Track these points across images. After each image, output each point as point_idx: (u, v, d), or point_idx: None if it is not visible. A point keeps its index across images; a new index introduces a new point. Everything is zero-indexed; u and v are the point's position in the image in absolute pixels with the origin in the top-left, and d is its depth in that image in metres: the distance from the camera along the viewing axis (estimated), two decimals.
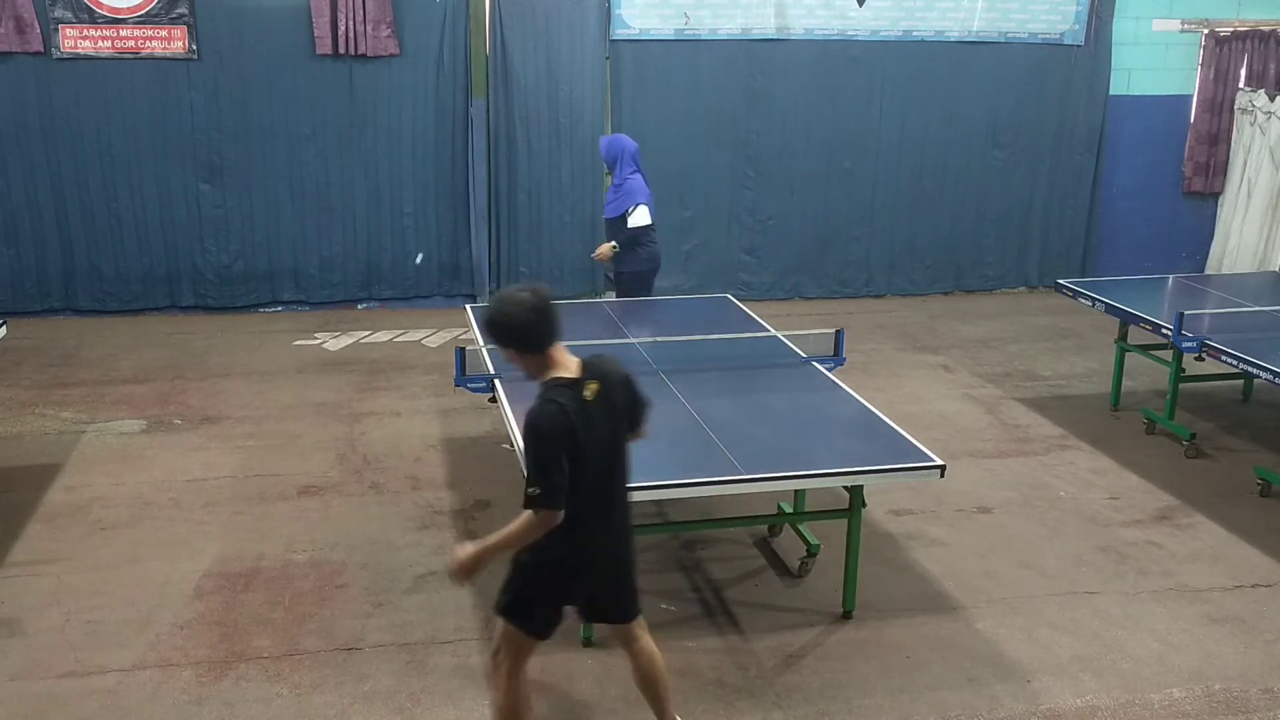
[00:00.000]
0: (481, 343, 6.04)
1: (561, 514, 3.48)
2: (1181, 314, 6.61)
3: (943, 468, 4.64)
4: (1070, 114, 10.63)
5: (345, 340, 9.01)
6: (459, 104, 9.65)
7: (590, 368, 3.58)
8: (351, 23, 9.23)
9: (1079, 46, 10.49)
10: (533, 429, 3.44)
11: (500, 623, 3.78)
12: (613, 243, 7.31)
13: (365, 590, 5.15)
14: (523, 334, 3.50)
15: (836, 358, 5.93)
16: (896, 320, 9.90)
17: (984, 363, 8.71)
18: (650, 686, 3.92)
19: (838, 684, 4.50)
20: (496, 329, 3.53)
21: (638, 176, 7.32)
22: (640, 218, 7.22)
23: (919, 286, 10.77)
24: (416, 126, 9.65)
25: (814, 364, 5.83)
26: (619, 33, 9.78)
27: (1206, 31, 10.70)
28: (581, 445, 3.47)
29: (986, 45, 10.35)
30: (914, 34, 10.23)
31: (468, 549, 3.61)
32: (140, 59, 9.16)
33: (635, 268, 7.40)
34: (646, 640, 3.91)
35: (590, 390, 3.51)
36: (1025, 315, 10.09)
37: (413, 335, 9.15)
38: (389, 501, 6.09)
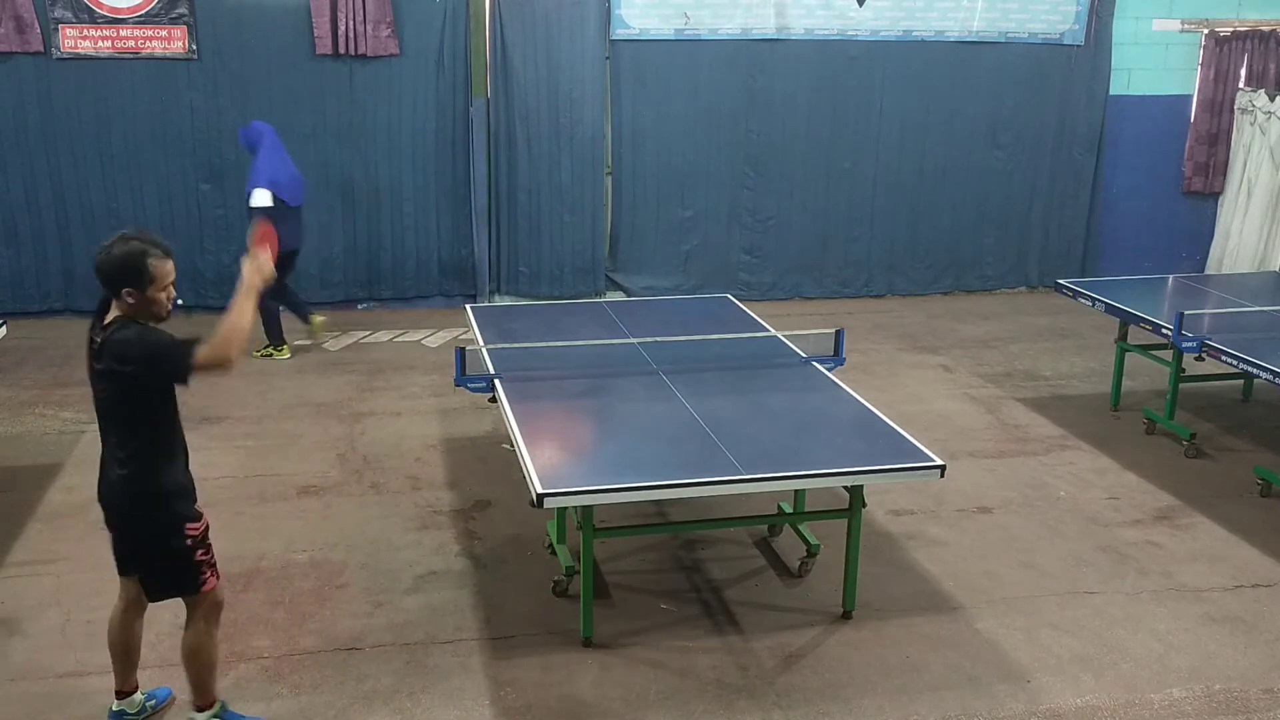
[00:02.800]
0: (482, 341, 6.04)
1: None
2: (1181, 314, 6.61)
3: (943, 468, 4.64)
4: (1070, 114, 10.64)
5: (345, 340, 9.01)
6: (459, 104, 9.65)
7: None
8: (351, 23, 9.23)
9: (1079, 46, 10.49)
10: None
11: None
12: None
13: (365, 590, 5.15)
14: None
15: (836, 358, 5.93)
16: (896, 320, 9.90)
17: (984, 363, 8.72)
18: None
19: (838, 684, 4.50)
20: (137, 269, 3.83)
21: (264, 159, 7.96)
22: (256, 199, 7.87)
23: (919, 286, 10.77)
24: (416, 126, 9.66)
25: (814, 364, 5.83)
26: (619, 33, 9.78)
27: (1206, 31, 10.70)
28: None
29: (986, 45, 10.35)
30: (914, 34, 10.23)
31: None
32: (140, 59, 9.16)
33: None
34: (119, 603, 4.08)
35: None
36: (1025, 315, 10.09)
37: (413, 335, 9.16)
38: (389, 501, 6.09)
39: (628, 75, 9.88)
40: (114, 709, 4.16)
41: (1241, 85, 10.74)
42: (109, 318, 3.86)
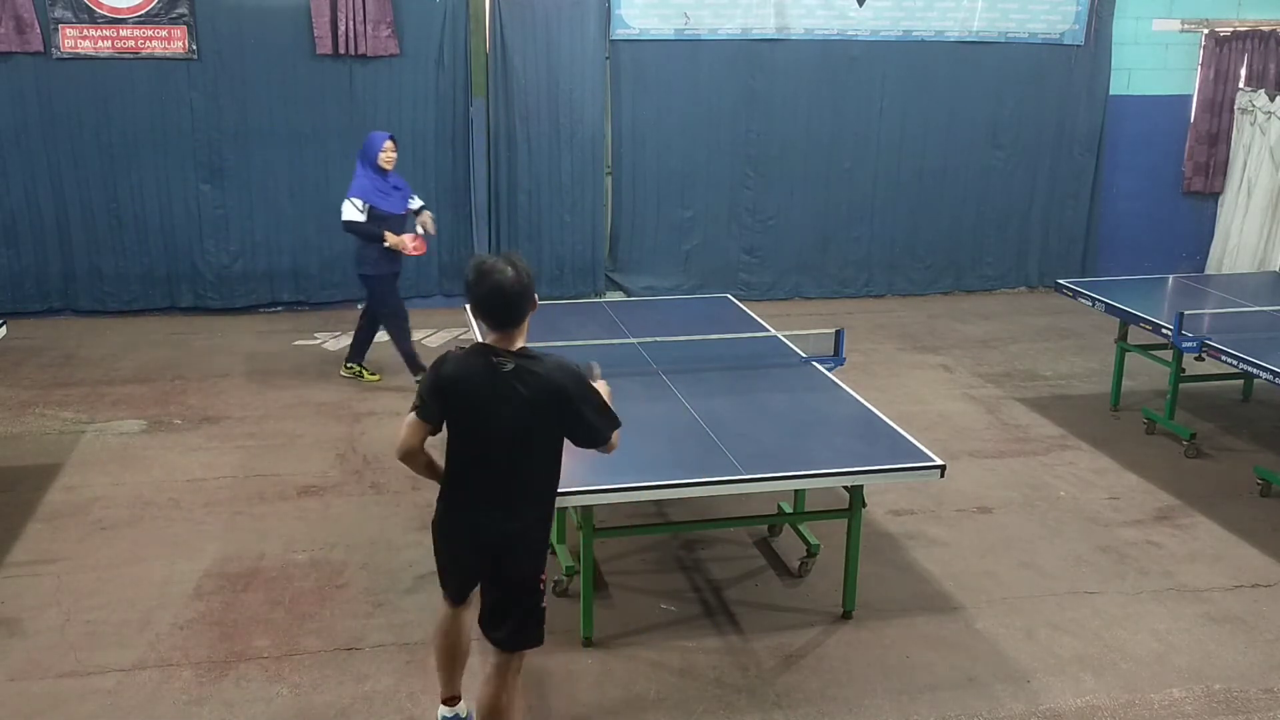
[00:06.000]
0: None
1: (418, 421, 3.56)
2: (1181, 314, 6.62)
3: (943, 468, 4.64)
4: (1070, 114, 10.63)
5: (345, 340, 8.99)
6: (459, 104, 9.65)
7: (528, 357, 3.53)
8: (351, 23, 9.23)
9: (1079, 46, 10.49)
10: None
11: None
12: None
13: (365, 590, 5.15)
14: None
15: (836, 358, 5.93)
16: (896, 320, 9.90)
17: (984, 363, 8.72)
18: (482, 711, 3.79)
19: (838, 684, 4.50)
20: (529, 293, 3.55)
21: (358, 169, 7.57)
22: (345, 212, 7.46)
23: (919, 286, 10.77)
24: (416, 126, 9.65)
25: (814, 364, 5.83)
26: (619, 33, 9.78)
27: (1206, 31, 10.71)
28: (458, 402, 3.52)
29: (986, 45, 10.35)
30: (914, 34, 10.23)
31: None
32: (140, 59, 9.16)
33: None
34: (496, 677, 3.73)
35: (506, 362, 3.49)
36: (1025, 315, 10.09)
37: (413, 335, 9.14)
38: (389, 501, 6.09)
39: (628, 75, 9.88)
40: (442, 715, 4.06)
41: (1241, 85, 10.74)
42: (514, 346, 3.53)
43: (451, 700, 4.04)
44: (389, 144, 7.47)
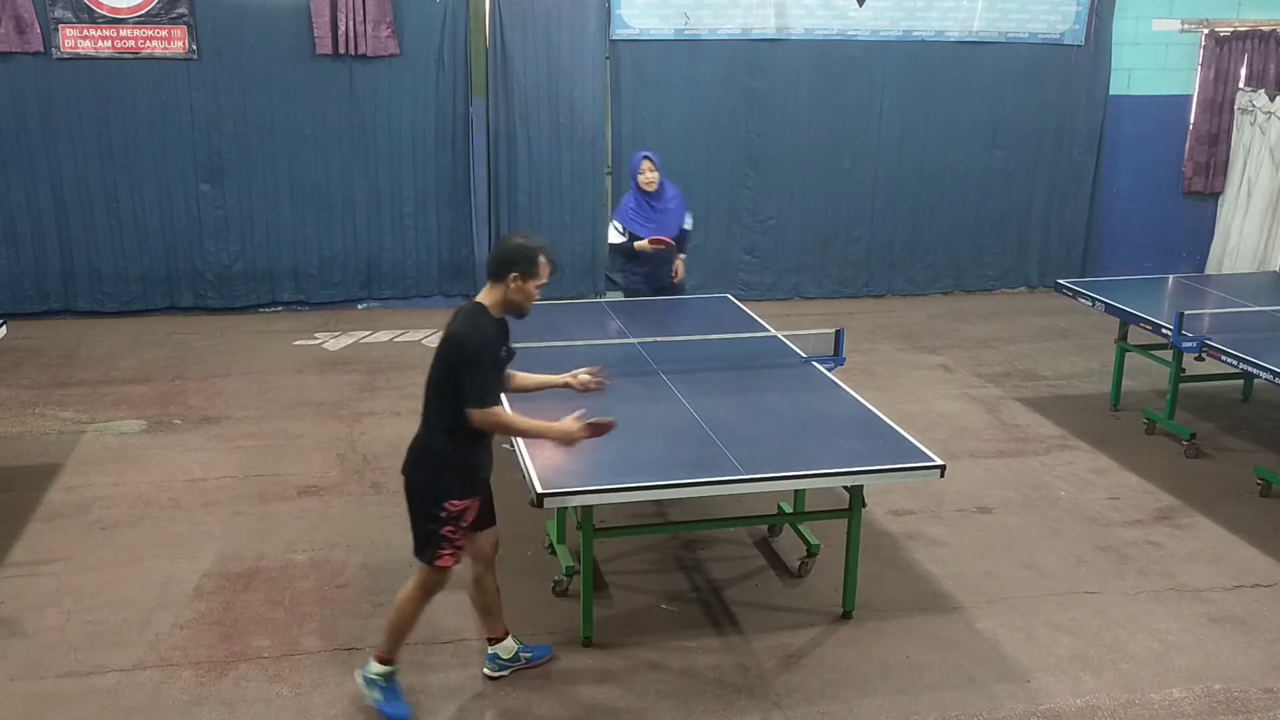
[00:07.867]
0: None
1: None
2: (1181, 314, 6.62)
3: (943, 468, 4.64)
4: (1070, 114, 10.63)
5: (345, 340, 9.01)
6: (459, 104, 9.65)
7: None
8: (351, 23, 9.23)
9: (1079, 46, 10.49)
10: None
11: None
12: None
13: (365, 590, 5.16)
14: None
15: (836, 358, 5.93)
16: (896, 320, 9.90)
17: (984, 363, 8.72)
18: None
19: (838, 684, 4.50)
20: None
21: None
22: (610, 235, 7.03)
23: (919, 286, 10.77)
24: (416, 126, 9.65)
25: (814, 364, 5.83)
26: (619, 33, 9.78)
27: (1206, 31, 10.71)
28: None
29: (986, 45, 10.35)
30: (914, 34, 10.23)
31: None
32: (140, 59, 9.16)
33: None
34: (411, 582, 4.30)
35: None
36: (1025, 315, 10.09)
37: (413, 335, 9.16)
38: (389, 501, 6.08)
39: (628, 75, 9.88)
40: (489, 651, 4.54)
41: (1241, 85, 10.74)
42: (478, 297, 4.22)
43: (491, 640, 4.52)
44: (645, 164, 6.83)
